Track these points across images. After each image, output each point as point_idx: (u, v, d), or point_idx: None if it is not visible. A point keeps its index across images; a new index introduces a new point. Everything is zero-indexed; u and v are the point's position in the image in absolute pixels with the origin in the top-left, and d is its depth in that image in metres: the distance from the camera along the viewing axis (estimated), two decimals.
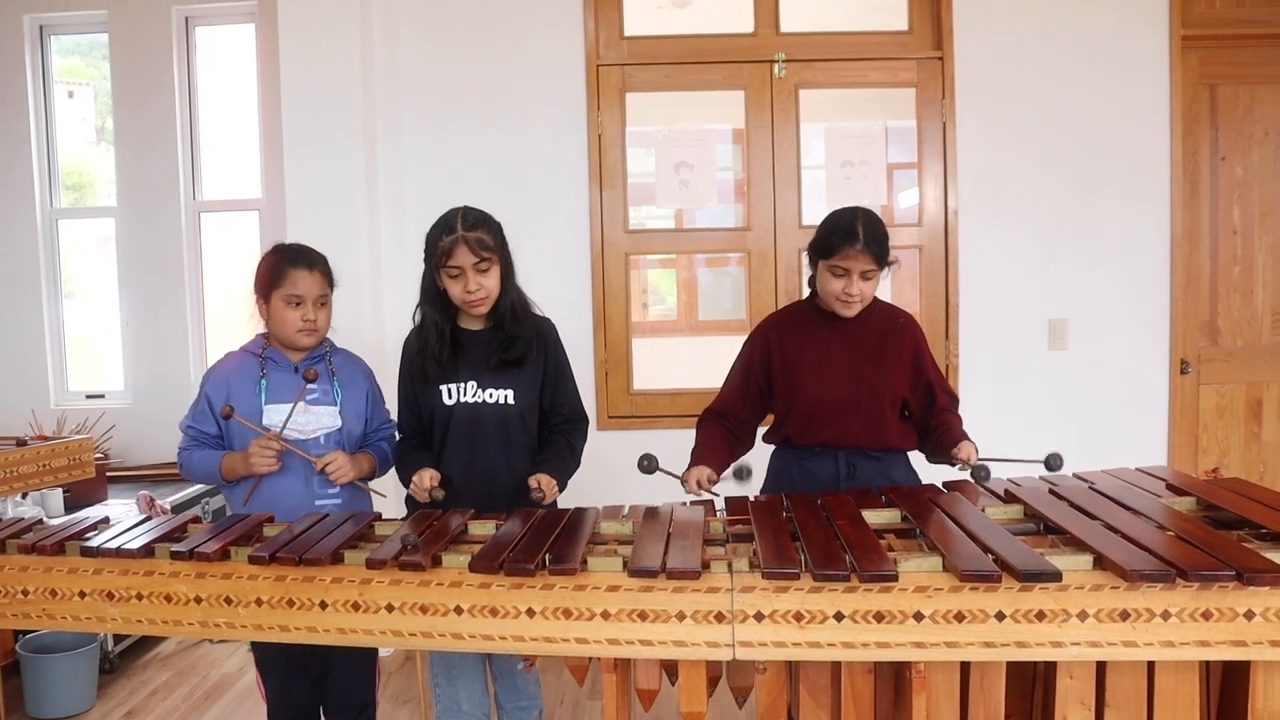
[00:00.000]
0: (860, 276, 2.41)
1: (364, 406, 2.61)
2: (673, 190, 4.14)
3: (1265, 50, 4.09)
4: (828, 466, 2.53)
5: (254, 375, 2.49)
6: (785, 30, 4.10)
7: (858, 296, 2.44)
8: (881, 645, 1.67)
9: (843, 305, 2.46)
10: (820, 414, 2.50)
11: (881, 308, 2.60)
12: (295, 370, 2.51)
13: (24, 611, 1.98)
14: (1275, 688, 1.69)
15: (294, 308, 2.46)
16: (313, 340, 2.52)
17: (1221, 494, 2.10)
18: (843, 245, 2.39)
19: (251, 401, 2.46)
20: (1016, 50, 4.03)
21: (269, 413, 2.46)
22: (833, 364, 2.51)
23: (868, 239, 2.38)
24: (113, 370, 4.98)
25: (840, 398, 2.49)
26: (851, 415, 2.49)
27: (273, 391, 2.48)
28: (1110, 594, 1.62)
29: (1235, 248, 4.17)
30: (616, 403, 4.15)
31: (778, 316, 2.69)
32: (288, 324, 2.47)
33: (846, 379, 2.50)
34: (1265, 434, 4.20)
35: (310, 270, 2.48)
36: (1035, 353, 4.10)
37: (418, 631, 1.81)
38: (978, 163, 4.05)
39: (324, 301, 2.52)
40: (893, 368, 2.53)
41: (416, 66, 4.06)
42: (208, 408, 2.49)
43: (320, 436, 2.50)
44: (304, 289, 2.46)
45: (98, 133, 5.19)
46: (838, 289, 2.44)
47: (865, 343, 2.53)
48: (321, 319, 2.51)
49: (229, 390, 2.48)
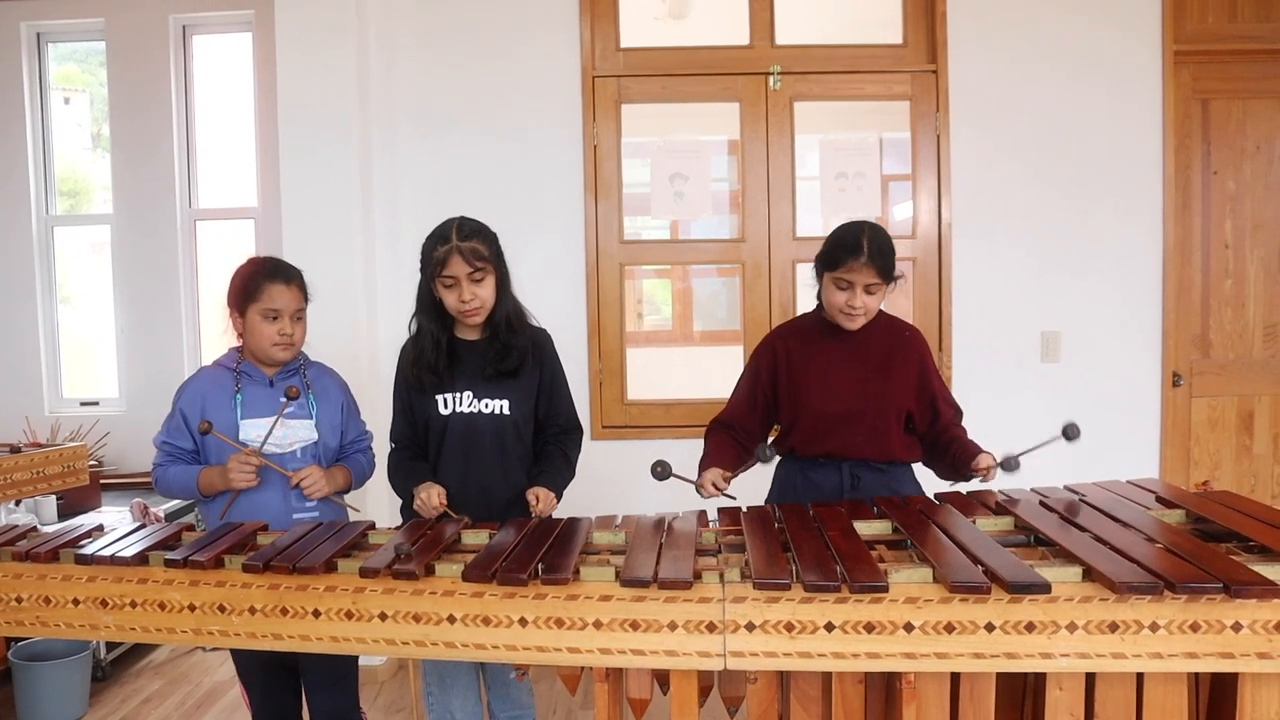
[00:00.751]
0: (864, 290, 2.43)
1: (339, 419, 2.60)
2: (668, 201, 4.15)
3: (1257, 65, 4.12)
4: (831, 478, 2.54)
5: (229, 390, 2.48)
6: (781, 43, 4.12)
7: (861, 309, 2.45)
8: (872, 656, 1.68)
9: (846, 318, 2.48)
10: (825, 425, 2.52)
11: (887, 320, 2.62)
12: (270, 384, 2.51)
13: (17, 619, 1.99)
14: (1263, 700, 1.70)
15: (271, 322, 2.46)
16: (289, 355, 2.52)
17: (1211, 507, 2.12)
18: (847, 258, 2.41)
19: (227, 416, 2.46)
20: (1010, 64, 4.05)
21: (245, 427, 2.45)
22: (838, 376, 2.53)
23: (872, 253, 2.40)
24: (107, 377, 4.98)
25: (845, 409, 2.51)
26: (856, 427, 2.50)
27: (248, 406, 2.48)
28: (1099, 606, 1.63)
29: (1227, 261, 4.19)
30: (610, 413, 4.16)
31: (785, 328, 2.71)
32: (264, 338, 2.46)
33: (851, 391, 2.51)
34: (1256, 447, 4.22)
35: (288, 284, 2.47)
36: (1028, 365, 4.12)
37: (411, 640, 1.81)
38: (971, 176, 4.07)
39: (300, 316, 2.51)
40: (898, 380, 2.54)
41: (413, 77, 4.07)
42: (183, 423, 2.47)
43: (297, 450, 2.50)
44: (281, 303, 2.46)
45: (94, 139, 5.19)
46: (841, 301, 2.46)
47: (871, 355, 2.55)
48: (298, 333, 2.51)
49: (204, 405, 2.47)
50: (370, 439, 2.70)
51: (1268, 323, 4.21)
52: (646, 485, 2.89)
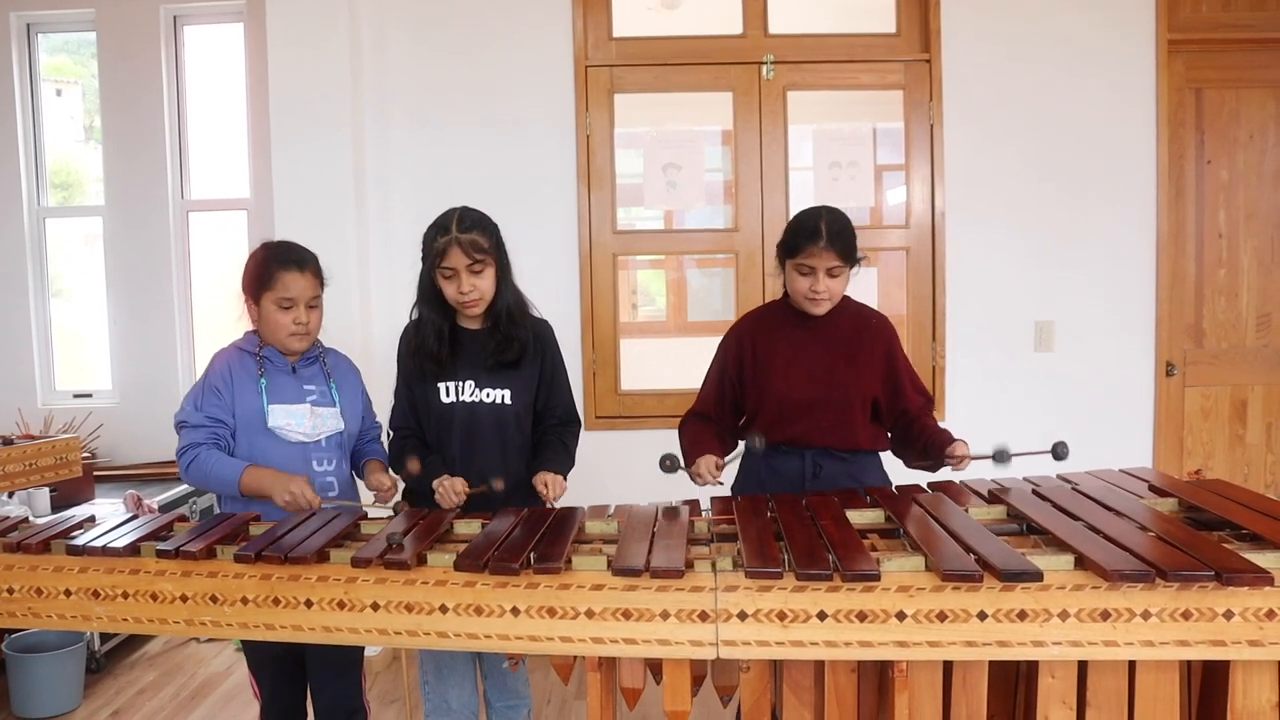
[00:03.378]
0: (826, 274, 2.43)
1: (359, 405, 2.60)
2: (661, 191, 4.15)
3: (1251, 54, 4.12)
4: (794, 465, 2.53)
5: (253, 373, 2.44)
6: (774, 32, 4.11)
7: (825, 294, 2.45)
8: (864, 644, 1.68)
9: (811, 303, 2.47)
10: (787, 412, 2.51)
11: (854, 307, 2.61)
12: (293, 371, 2.48)
13: (9, 610, 1.98)
14: (1254, 687, 1.70)
15: (285, 311, 2.40)
16: (305, 344, 2.47)
17: (1203, 495, 2.12)
18: (807, 244, 2.41)
19: (254, 400, 2.41)
20: (1003, 53, 4.05)
21: (274, 413, 2.41)
22: (802, 363, 2.52)
23: (831, 236, 2.39)
24: (100, 369, 4.97)
25: (808, 396, 2.49)
26: (819, 414, 2.49)
27: (273, 391, 2.43)
28: (1091, 594, 1.63)
29: (1220, 251, 4.20)
30: (604, 403, 4.16)
31: (751, 317, 2.70)
32: (280, 328, 2.41)
33: (816, 378, 2.50)
34: (1249, 436, 4.23)
35: (302, 272, 2.41)
36: (1022, 354, 4.12)
37: (403, 630, 1.81)
38: (965, 165, 4.07)
39: (315, 303, 2.46)
40: (864, 367, 2.53)
41: (405, 67, 4.06)
42: (215, 396, 2.40)
43: (322, 440, 2.47)
44: (296, 291, 2.40)
45: (86, 131, 5.17)
46: (805, 287, 2.45)
47: (837, 342, 2.54)
48: (314, 321, 2.46)
49: (233, 384, 2.42)
50: (380, 430, 2.69)
51: (1261, 312, 4.21)
52: (640, 475, 2.90)
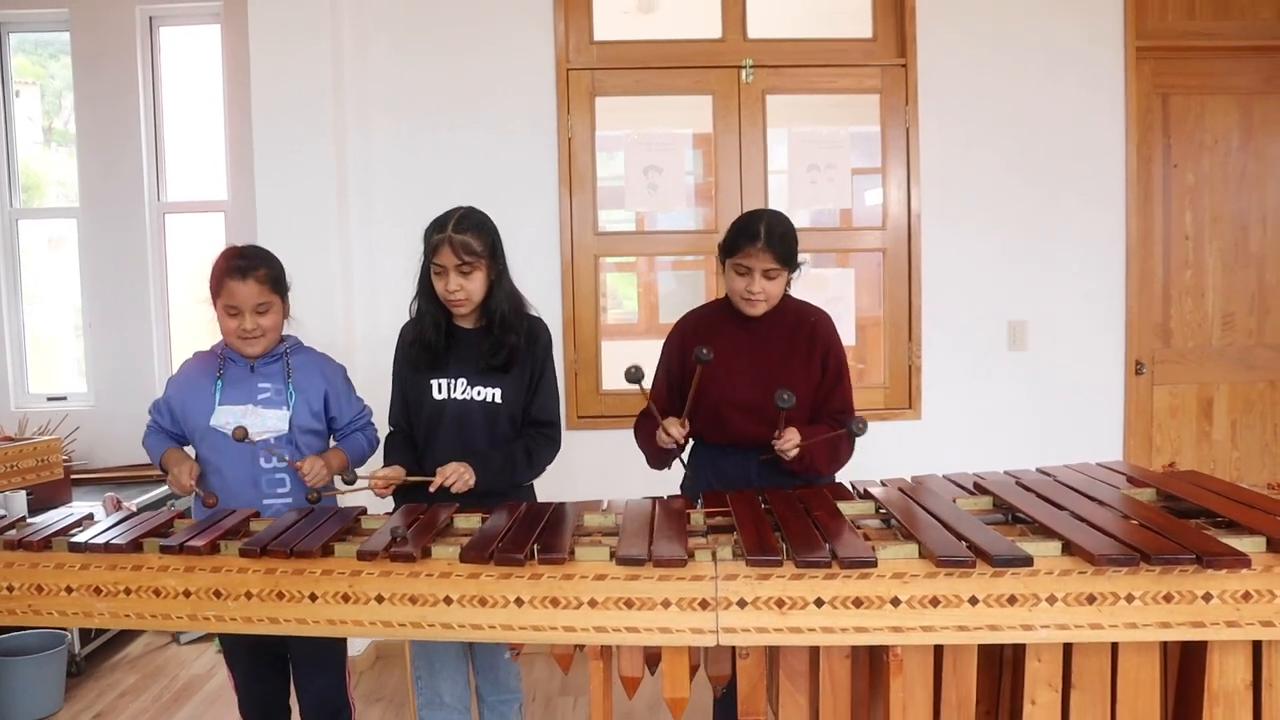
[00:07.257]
0: (763, 275, 2.45)
1: (321, 406, 2.60)
2: (641, 194, 4.18)
3: (1215, 62, 4.23)
4: (738, 465, 2.55)
5: (212, 375, 2.53)
6: (753, 36, 4.16)
7: (760, 295, 2.47)
8: (860, 630, 1.73)
9: (746, 304, 2.50)
10: (725, 414, 2.52)
11: (795, 306, 2.62)
12: (251, 369, 2.54)
13: (8, 608, 1.98)
14: (1230, 667, 1.78)
15: (232, 317, 2.48)
16: (256, 349, 2.52)
17: (1179, 485, 2.19)
18: (745, 244, 2.44)
19: (205, 400, 2.51)
20: (978, 58, 4.12)
21: (218, 414, 2.49)
22: (740, 364, 2.53)
23: (769, 238, 2.42)
24: (71, 373, 4.93)
25: (745, 399, 2.50)
26: (757, 417, 2.48)
27: (228, 392, 2.52)
28: (1078, 578, 1.70)
29: (1187, 252, 4.30)
30: (586, 403, 4.19)
31: (694, 315, 2.71)
32: (228, 333, 2.51)
33: (754, 380, 2.51)
34: (1215, 433, 4.33)
35: (244, 280, 2.45)
36: (996, 354, 4.19)
37: (407, 622, 1.83)
38: (940, 167, 4.14)
39: (264, 309, 2.49)
40: (801, 368, 2.54)
41: (387, 70, 4.07)
42: (167, 405, 2.57)
43: (270, 438, 2.50)
44: (239, 299, 2.45)
45: (45, 133, 5.12)
46: (741, 287, 2.48)
47: (775, 342, 2.55)
48: (267, 323, 2.50)
49: (184, 395, 2.55)
50: (370, 414, 2.71)
51: (1225, 312, 4.32)
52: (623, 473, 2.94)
